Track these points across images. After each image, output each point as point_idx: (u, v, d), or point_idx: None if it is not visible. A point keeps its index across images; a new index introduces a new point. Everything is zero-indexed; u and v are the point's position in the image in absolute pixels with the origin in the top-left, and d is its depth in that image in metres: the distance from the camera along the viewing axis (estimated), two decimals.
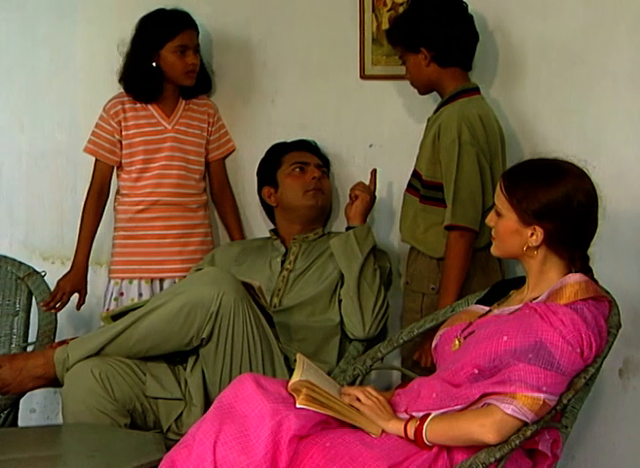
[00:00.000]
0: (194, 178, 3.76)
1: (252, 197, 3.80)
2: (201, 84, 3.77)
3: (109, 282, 3.81)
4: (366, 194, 3.50)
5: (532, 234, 2.65)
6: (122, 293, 3.76)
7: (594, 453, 3.48)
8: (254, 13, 3.82)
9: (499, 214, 2.70)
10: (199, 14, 3.82)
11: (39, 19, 4.07)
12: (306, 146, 3.68)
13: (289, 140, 3.69)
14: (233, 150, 3.88)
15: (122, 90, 3.74)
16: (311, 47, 3.76)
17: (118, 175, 3.79)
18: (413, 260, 3.42)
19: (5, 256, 3.74)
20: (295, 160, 3.63)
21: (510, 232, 2.68)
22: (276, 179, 3.64)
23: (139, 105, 3.74)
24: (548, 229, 2.64)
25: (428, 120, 3.40)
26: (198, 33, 3.70)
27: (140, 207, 3.73)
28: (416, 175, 3.39)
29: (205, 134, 3.79)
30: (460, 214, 3.22)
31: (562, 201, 2.63)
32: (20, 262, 3.69)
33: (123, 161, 3.74)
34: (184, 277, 3.64)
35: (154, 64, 3.66)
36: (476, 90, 3.37)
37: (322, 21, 3.73)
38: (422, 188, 3.34)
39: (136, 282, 3.76)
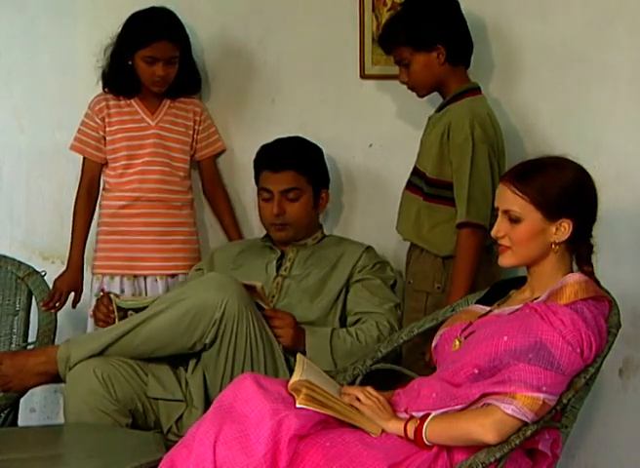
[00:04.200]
0: (178, 176, 3.75)
1: (251, 197, 3.79)
2: (187, 86, 3.75)
3: (92, 278, 3.79)
4: (286, 328, 3.26)
5: (556, 230, 2.66)
6: (103, 290, 3.72)
7: (594, 453, 3.48)
8: (254, 13, 3.82)
9: (515, 221, 2.67)
10: (199, 13, 3.83)
11: (39, 20, 4.07)
12: (278, 164, 3.48)
13: (271, 142, 3.56)
14: (223, 150, 3.87)
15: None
16: (311, 47, 3.75)
17: (103, 172, 3.78)
18: (415, 259, 3.40)
19: (5, 256, 3.74)
20: (262, 184, 3.52)
21: (534, 234, 2.66)
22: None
23: (122, 102, 3.73)
24: (576, 214, 2.64)
25: (429, 118, 3.40)
26: (179, 43, 3.64)
27: (123, 202, 3.72)
28: (417, 173, 3.38)
29: (190, 131, 3.78)
30: (474, 212, 3.21)
31: (574, 181, 2.66)
32: (20, 262, 3.69)
33: (107, 157, 3.73)
34: (166, 275, 3.69)
35: (130, 63, 3.65)
36: (479, 89, 3.37)
37: (322, 21, 3.73)
38: (427, 186, 3.33)
39: (117, 278, 3.73)
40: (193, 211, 3.83)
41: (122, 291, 3.71)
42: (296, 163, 3.49)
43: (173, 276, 3.74)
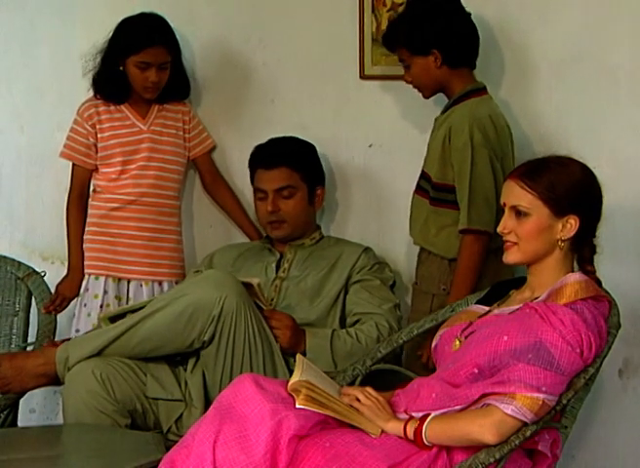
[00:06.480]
0: (172, 179, 3.75)
1: (252, 198, 3.79)
2: (176, 91, 3.74)
3: None
4: (284, 329, 3.26)
5: (563, 227, 2.66)
6: (87, 289, 3.72)
7: (594, 453, 3.48)
8: (253, 13, 3.82)
9: (523, 216, 2.68)
10: (199, 14, 3.83)
11: (39, 20, 4.07)
12: (270, 162, 3.51)
13: (264, 142, 3.58)
14: (214, 146, 3.86)
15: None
16: (311, 47, 3.75)
17: (93, 175, 3.77)
18: (423, 261, 3.40)
19: (5, 256, 3.74)
20: (256, 184, 3.55)
21: (541, 230, 2.67)
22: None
23: (112, 107, 3.73)
24: (583, 211, 2.66)
25: (436, 120, 3.39)
26: (171, 48, 3.64)
27: (116, 205, 3.71)
28: (424, 176, 3.37)
29: (181, 133, 3.78)
30: (475, 218, 3.20)
31: (582, 178, 2.69)
32: (20, 262, 3.69)
33: (99, 163, 3.72)
34: (152, 281, 3.69)
35: (121, 68, 3.65)
36: (484, 89, 3.36)
37: (322, 22, 3.73)
38: (432, 190, 3.32)
39: (102, 278, 3.72)
40: (180, 220, 3.83)
41: (105, 292, 3.71)
42: (288, 160, 3.51)
43: (160, 283, 3.74)
